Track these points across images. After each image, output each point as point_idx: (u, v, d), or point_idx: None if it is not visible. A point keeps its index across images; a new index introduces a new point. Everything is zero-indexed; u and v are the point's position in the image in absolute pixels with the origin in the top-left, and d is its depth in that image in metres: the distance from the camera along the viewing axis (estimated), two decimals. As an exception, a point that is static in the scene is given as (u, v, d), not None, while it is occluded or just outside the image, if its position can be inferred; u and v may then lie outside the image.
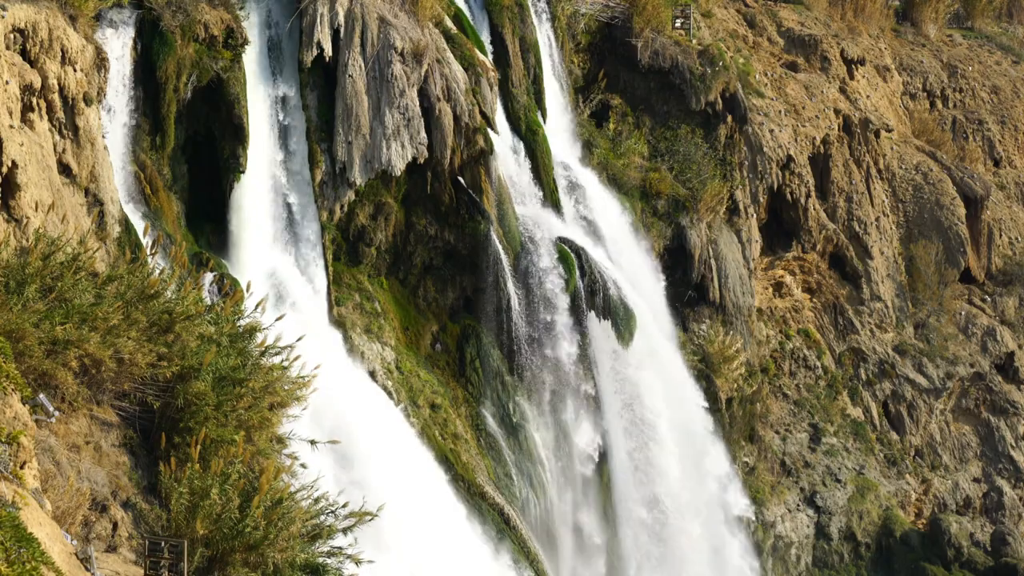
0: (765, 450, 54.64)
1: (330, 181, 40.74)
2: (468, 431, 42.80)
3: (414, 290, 43.84)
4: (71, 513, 18.43)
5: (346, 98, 40.57)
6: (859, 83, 63.45)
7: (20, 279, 20.29)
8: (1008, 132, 70.53)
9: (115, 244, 32.32)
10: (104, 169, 32.88)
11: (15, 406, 17.23)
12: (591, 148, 51.19)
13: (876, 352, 59.37)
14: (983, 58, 73.30)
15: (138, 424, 21.60)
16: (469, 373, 43.81)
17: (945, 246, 62.47)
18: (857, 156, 60.87)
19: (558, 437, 45.14)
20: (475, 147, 42.87)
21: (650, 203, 51.04)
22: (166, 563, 18.45)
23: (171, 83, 36.67)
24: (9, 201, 28.36)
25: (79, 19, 32.72)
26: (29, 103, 30.36)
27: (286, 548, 19.48)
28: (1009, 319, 63.48)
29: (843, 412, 57.84)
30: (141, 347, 20.87)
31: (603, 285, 45.03)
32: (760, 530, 52.68)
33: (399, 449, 38.57)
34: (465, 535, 39.45)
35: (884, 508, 56.12)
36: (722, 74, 52.94)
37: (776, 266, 58.01)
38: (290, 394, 22.62)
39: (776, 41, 62.79)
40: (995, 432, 60.76)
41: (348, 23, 40.70)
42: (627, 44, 52.74)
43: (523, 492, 43.37)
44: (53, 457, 19.45)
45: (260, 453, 21.67)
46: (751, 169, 55.35)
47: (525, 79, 47.37)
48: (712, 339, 51.33)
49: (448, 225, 43.49)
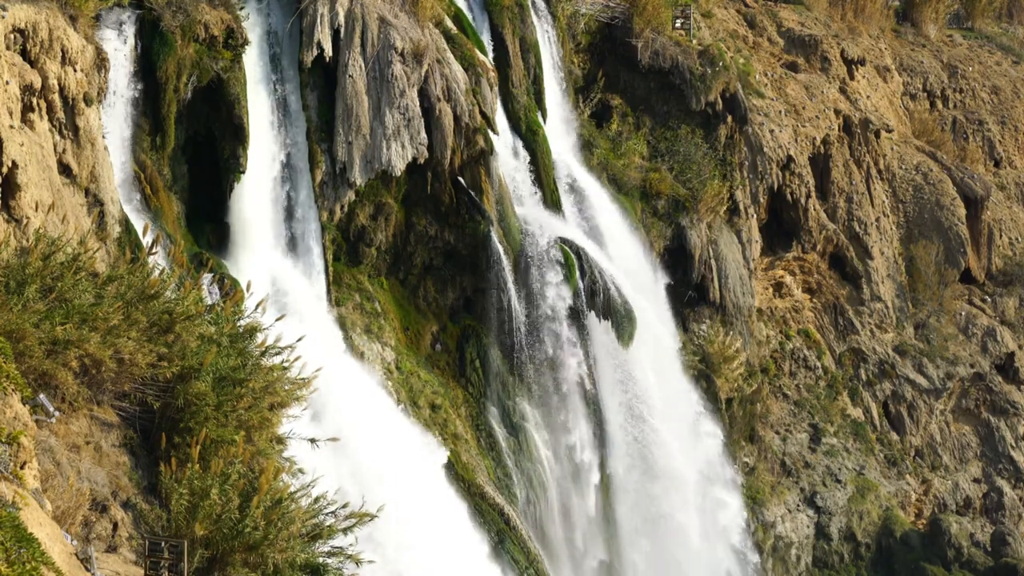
0: (765, 450, 54.64)
1: (330, 181, 40.73)
2: (468, 431, 42.80)
3: (414, 290, 43.84)
4: (71, 513, 18.42)
5: (346, 98, 40.56)
6: (859, 83, 63.44)
7: (20, 279, 20.27)
8: (1008, 132, 70.53)
9: (115, 244, 32.30)
10: (104, 169, 32.87)
11: (15, 406, 17.23)
12: (591, 148, 51.19)
13: (876, 352, 59.37)
14: (983, 58, 73.31)
15: (138, 424, 21.59)
16: (469, 373, 43.81)
17: (945, 246, 62.47)
18: (857, 156, 60.86)
19: (558, 437, 45.15)
20: (475, 147, 42.86)
21: (650, 203, 51.04)
22: (166, 563, 18.45)
23: (171, 83, 36.67)
24: (9, 201, 28.36)
25: (79, 19, 32.71)
26: (29, 103, 30.35)
27: (286, 548, 19.47)
28: (1009, 319, 63.48)
29: (843, 412, 57.83)
30: (141, 347, 20.86)
31: (603, 285, 45.03)
32: (760, 530, 52.68)
33: (399, 449, 38.54)
34: (465, 535, 39.44)
35: (884, 508, 56.12)
36: (722, 74, 52.93)
37: (776, 266, 58.01)
38: (290, 394, 22.60)
39: (776, 41, 62.78)
40: (995, 432, 60.76)
41: (348, 23, 40.70)
42: (627, 44, 52.74)
43: (523, 492, 43.38)
44: (53, 457, 19.44)
45: (260, 453, 21.66)
46: (751, 169, 55.34)
47: (525, 79, 47.36)
48: (712, 339, 51.33)
49: (448, 225, 43.49)
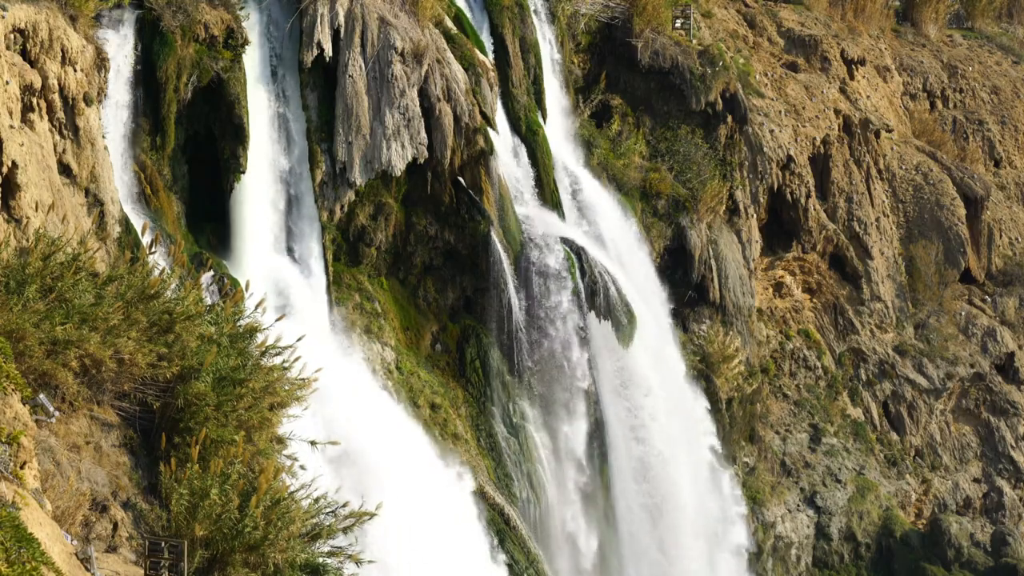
0: (765, 450, 54.64)
1: (330, 181, 40.73)
2: (468, 431, 42.80)
3: (414, 290, 43.83)
4: (71, 513, 18.42)
5: (346, 98, 40.56)
6: (859, 83, 63.44)
7: (20, 279, 20.25)
8: (1008, 132, 70.51)
9: (115, 244, 32.31)
10: (104, 169, 32.88)
11: (15, 406, 17.22)
12: (591, 148, 51.18)
13: (876, 352, 59.36)
14: (983, 58, 73.29)
15: (138, 424, 21.57)
16: (469, 373, 43.80)
17: (945, 246, 62.46)
18: (857, 156, 60.85)
19: (558, 437, 45.14)
20: (475, 147, 42.86)
21: (650, 203, 51.04)
22: (166, 563, 18.44)
23: (171, 83, 36.67)
24: (9, 201, 28.37)
25: (79, 19, 32.73)
26: (29, 103, 30.36)
27: (286, 548, 19.46)
28: (1009, 319, 63.46)
29: (843, 412, 57.82)
30: (141, 347, 20.84)
31: (603, 285, 45.02)
32: (760, 530, 52.67)
33: (399, 449, 38.55)
34: (465, 535, 39.43)
35: (884, 508, 56.12)
36: (722, 74, 52.92)
37: (776, 266, 58.00)
38: (290, 394, 22.58)
39: (776, 41, 62.77)
40: (995, 432, 60.75)
41: (348, 23, 40.70)
42: (627, 44, 52.73)
43: (523, 492, 43.37)
44: (53, 457, 19.43)
45: (260, 453, 21.65)
46: (751, 169, 55.33)
47: (525, 79, 47.36)
48: (712, 339, 51.32)
49: (448, 225, 43.48)
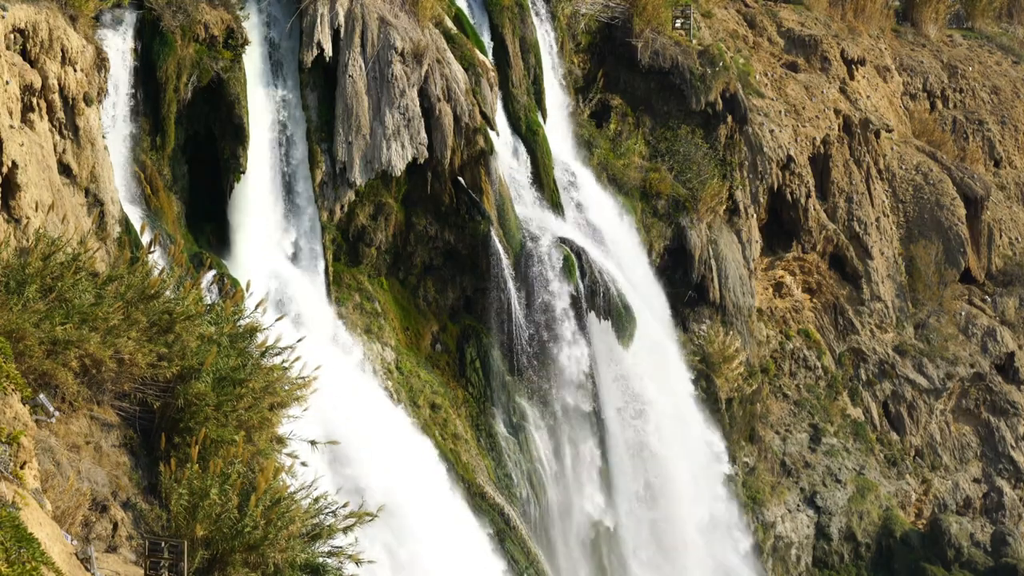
0: (765, 450, 54.63)
1: (330, 181, 40.74)
2: (468, 431, 42.80)
3: (414, 290, 43.83)
4: (71, 513, 18.42)
5: (346, 98, 40.56)
6: (859, 83, 63.43)
7: (20, 279, 20.25)
8: (1008, 132, 70.51)
9: (115, 244, 32.30)
10: (104, 169, 32.89)
11: (15, 406, 17.22)
12: (591, 148, 51.18)
13: (876, 352, 59.36)
14: (983, 58, 73.29)
15: (138, 424, 21.58)
16: (469, 373, 43.80)
17: (945, 246, 62.45)
18: (857, 156, 60.85)
19: (558, 437, 45.14)
20: (475, 147, 42.86)
21: (650, 203, 51.04)
22: (166, 563, 18.45)
23: (171, 83, 36.68)
24: (9, 201, 28.37)
25: (79, 19, 32.73)
26: (29, 103, 30.36)
27: (286, 548, 19.47)
28: (1009, 319, 63.46)
29: (843, 412, 57.82)
30: (141, 347, 20.84)
31: (603, 285, 45.02)
32: (760, 530, 52.67)
33: (399, 449, 38.55)
34: (464, 534, 39.44)
35: (884, 508, 56.12)
36: (722, 74, 52.92)
37: (776, 266, 58.00)
38: (290, 394, 22.59)
39: (776, 41, 62.77)
40: (995, 432, 60.75)
41: (348, 23, 40.70)
42: (627, 44, 52.72)
43: (523, 492, 43.37)
44: (53, 457, 19.43)
45: (260, 453, 21.66)
46: (751, 169, 55.32)
47: (525, 79, 47.36)
48: (712, 339, 51.32)
49: (448, 225, 43.48)
